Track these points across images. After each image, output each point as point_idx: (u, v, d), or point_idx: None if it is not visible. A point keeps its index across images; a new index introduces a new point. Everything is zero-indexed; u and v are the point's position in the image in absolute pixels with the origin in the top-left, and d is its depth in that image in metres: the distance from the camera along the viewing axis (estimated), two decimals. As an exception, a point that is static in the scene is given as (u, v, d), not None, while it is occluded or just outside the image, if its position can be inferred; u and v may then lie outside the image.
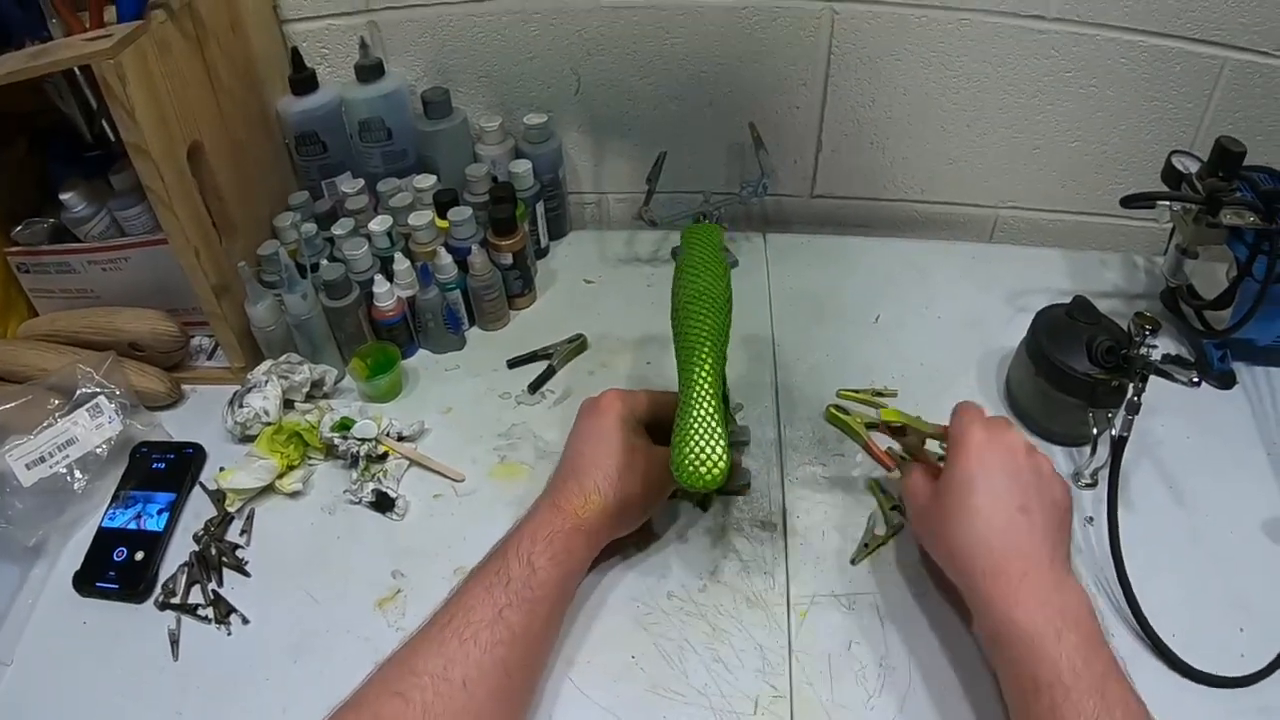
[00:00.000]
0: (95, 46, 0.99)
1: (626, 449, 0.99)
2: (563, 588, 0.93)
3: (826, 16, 1.36)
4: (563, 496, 0.96)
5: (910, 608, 1.00)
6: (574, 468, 0.99)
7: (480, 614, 0.85)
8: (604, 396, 1.05)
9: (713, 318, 0.99)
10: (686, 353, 0.96)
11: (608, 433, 1.00)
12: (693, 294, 1.03)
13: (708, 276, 1.05)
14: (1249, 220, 1.15)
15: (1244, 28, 1.31)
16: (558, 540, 0.92)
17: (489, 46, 1.42)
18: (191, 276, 1.18)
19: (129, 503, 1.13)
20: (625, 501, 0.98)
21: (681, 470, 0.87)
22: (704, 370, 0.94)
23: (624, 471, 0.98)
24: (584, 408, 1.06)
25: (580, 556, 0.96)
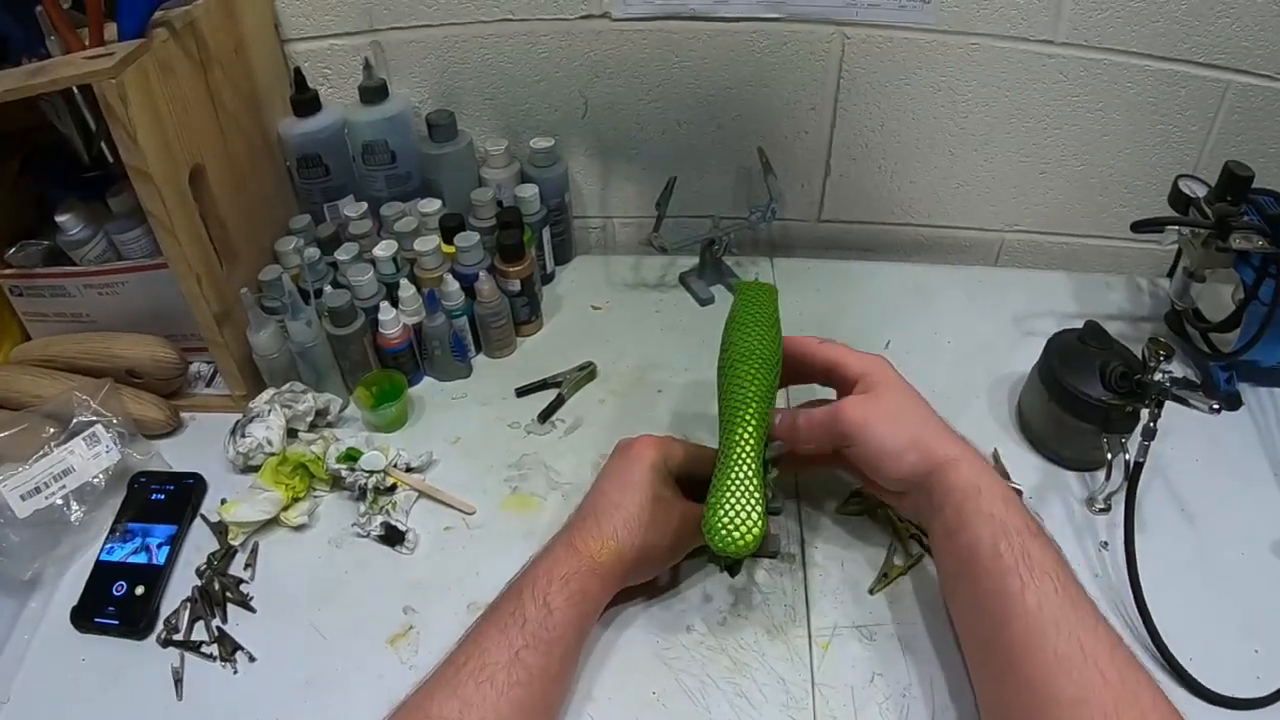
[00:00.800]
0: (96, 65, 0.97)
1: (652, 498, 0.98)
2: (579, 628, 0.92)
3: (837, 41, 1.36)
4: (580, 537, 0.94)
5: (932, 638, 0.99)
6: (595, 509, 0.97)
7: (496, 655, 0.84)
8: (638, 441, 1.04)
9: (761, 378, 0.98)
10: (731, 411, 0.96)
11: (636, 479, 0.98)
12: (743, 352, 1.01)
13: (759, 335, 1.03)
14: (1258, 244, 1.16)
15: (1247, 51, 1.32)
16: (574, 581, 0.91)
17: (495, 69, 1.41)
18: (193, 303, 1.16)
19: (128, 535, 1.10)
20: (644, 551, 0.96)
21: (714, 533, 0.86)
22: (747, 431, 0.93)
23: (646, 520, 0.97)
24: (618, 448, 1.05)
25: (596, 598, 0.94)
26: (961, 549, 0.88)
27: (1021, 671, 0.79)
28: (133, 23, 1.05)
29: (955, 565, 0.91)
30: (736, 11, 1.33)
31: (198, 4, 1.14)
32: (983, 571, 0.85)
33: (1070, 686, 0.76)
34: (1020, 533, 0.85)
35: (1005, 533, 0.85)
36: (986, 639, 0.85)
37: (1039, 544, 0.85)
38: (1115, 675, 0.75)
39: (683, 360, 1.33)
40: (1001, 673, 0.83)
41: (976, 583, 0.86)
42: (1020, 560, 0.83)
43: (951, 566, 0.92)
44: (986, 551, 0.85)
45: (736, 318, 1.07)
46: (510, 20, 1.36)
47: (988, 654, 0.86)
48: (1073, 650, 0.77)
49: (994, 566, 0.84)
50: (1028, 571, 0.82)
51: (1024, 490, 1.13)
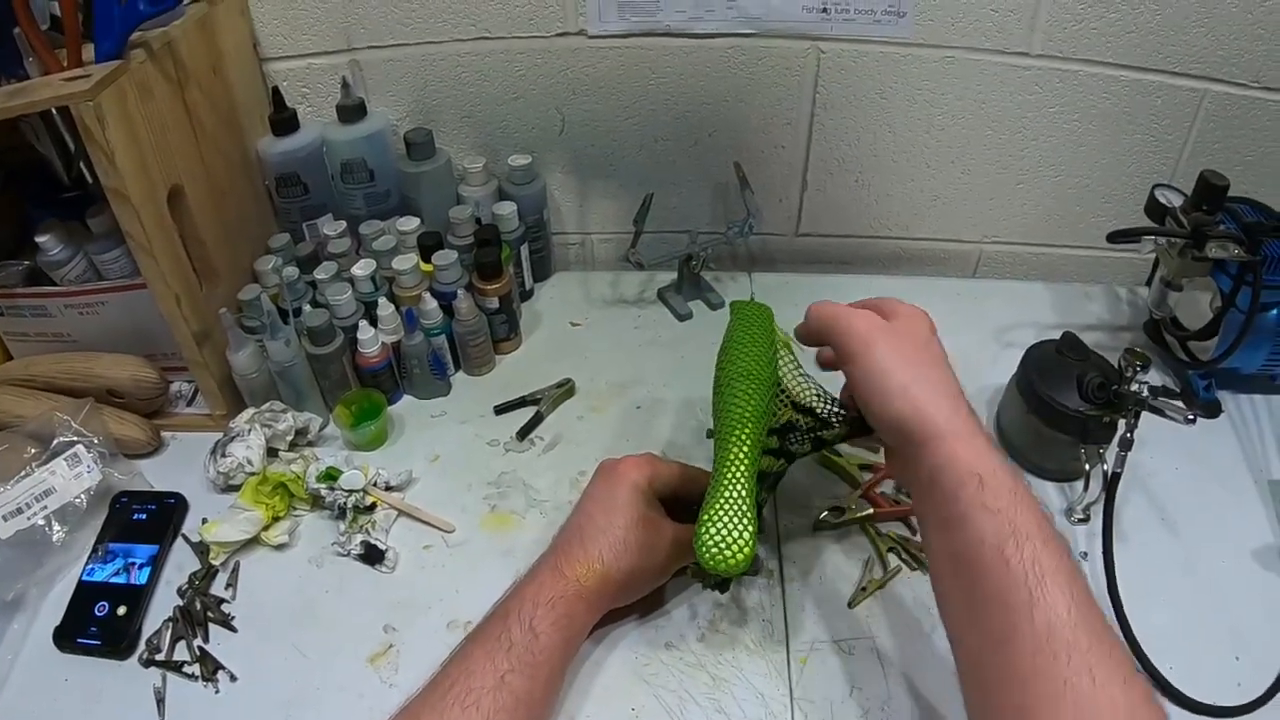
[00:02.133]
0: (74, 87, 0.98)
1: (638, 520, 0.98)
2: (565, 652, 0.92)
3: (812, 55, 1.37)
4: (566, 561, 0.94)
5: (910, 650, 1.00)
6: (581, 532, 0.97)
7: (482, 680, 0.84)
8: (624, 462, 1.03)
9: (756, 398, 0.97)
10: (725, 431, 0.95)
11: (621, 501, 0.98)
12: (738, 372, 1.00)
13: (754, 356, 1.02)
14: (1233, 253, 1.18)
15: (1223, 60, 1.33)
16: (559, 605, 0.91)
17: (473, 86, 1.42)
18: (172, 323, 1.16)
19: (110, 555, 1.10)
20: (631, 574, 0.97)
21: (706, 551, 0.87)
22: (742, 451, 0.93)
23: (632, 543, 0.97)
24: (602, 469, 1.05)
25: (582, 622, 0.95)
26: (958, 548, 0.79)
27: (1019, 700, 0.70)
28: (110, 44, 1.05)
29: (949, 564, 0.81)
30: (712, 28, 1.34)
31: (175, 25, 1.15)
32: (983, 578, 0.76)
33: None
34: (1031, 537, 0.75)
35: (1014, 535, 0.75)
36: (982, 656, 0.76)
37: (1051, 551, 0.75)
38: (1126, 714, 0.67)
39: (661, 376, 1.34)
40: (998, 696, 0.74)
41: (974, 589, 0.77)
42: (1029, 570, 0.73)
43: (944, 565, 0.83)
44: (989, 556, 0.75)
45: (733, 338, 1.05)
46: (487, 38, 1.37)
47: (983, 673, 0.77)
48: (1082, 684, 0.68)
49: (997, 575, 0.74)
50: (1037, 585, 0.72)
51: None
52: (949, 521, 0.80)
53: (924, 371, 0.88)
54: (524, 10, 1.34)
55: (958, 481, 0.80)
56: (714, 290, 1.49)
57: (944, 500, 0.81)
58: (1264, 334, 1.23)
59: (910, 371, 0.88)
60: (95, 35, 1.05)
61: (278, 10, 1.34)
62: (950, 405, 0.86)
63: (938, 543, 0.83)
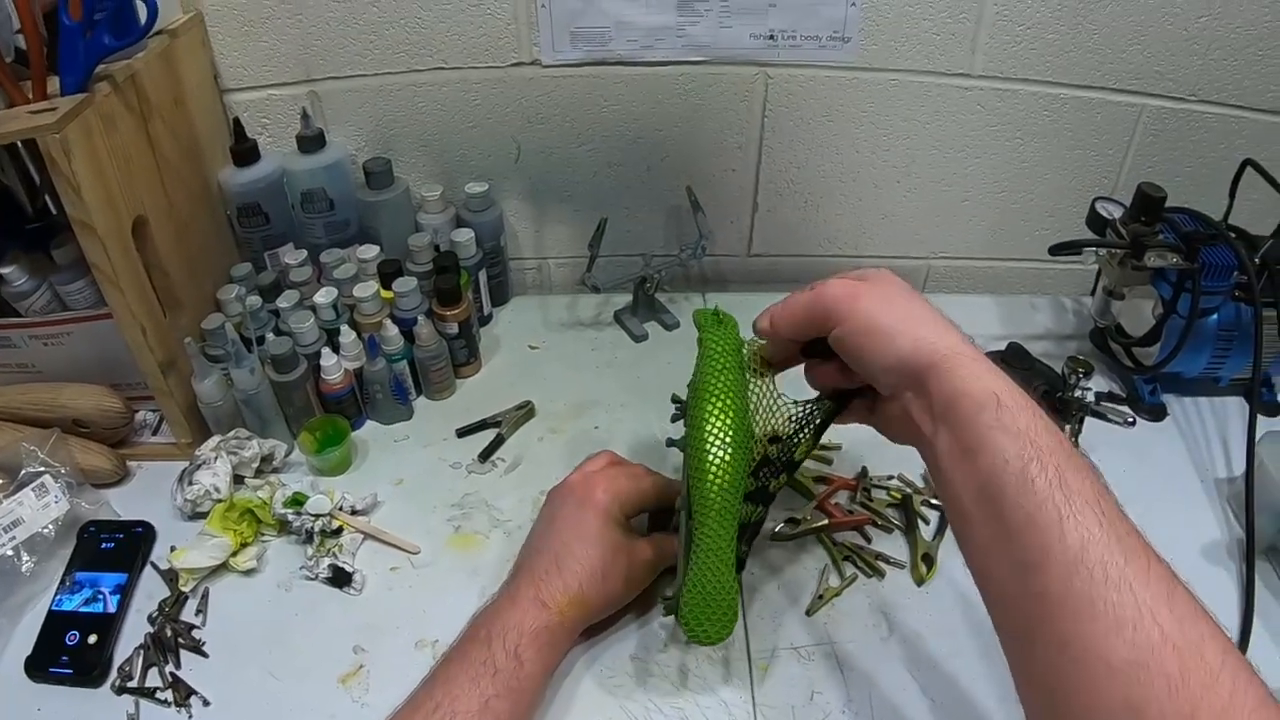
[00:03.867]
0: (40, 120, 0.98)
1: (613, 548, 1.00)
2: (546, 677, 0.95)
3: (760, 81, 1.40)
4: (548, 592, 0.96)
5: (868, 654, 1.03)
6: (559, 561, 0.99)
7: (466, 703, 0.86)
8: (595, 491, 1.04)
9: (737, 462, 0.93)
10: (703, 502, 0.92)
11: (596, 532, 1.00)
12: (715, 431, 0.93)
13: (731, 411, 0.94)
14: (1172, 261, 1.22)
15: (1160, 75, 1.39)
16: (543, 635, 0.93)
17: (430, 116, 1.44)
18: (137, 353, 1.17)
19: (79, 584, 1.11)
20: (608, 598, 1.01)
21: (690, 630, 0.93)
22: (723, 529, 0.92)
23: (610, 572, 1.00)
24: (571, 494, 1.05)
25: (563, 648, 0.98)
26: (981, 474, 0.73)
27: (1060, 628, 0.65)
28: (75, 77, 1.06)
29: (972, 494, 0.75)
30: (662, 55, 1.38)
31: (138, 57, 1.16)
32: (1010, 504, 0.70)
33: (1123, 647, 0.61)
34: (1054, 453, 0.71)
35: (1038, 455, 0.70)
36: (1015, 588, 0.71)
37: (1075, 468, 0.70)
38: (1175, 628, 0.61)
39: (619, 396, 1.36)
40: (1034, 629, 0.68)
41: (1001, 517, 0.71)
42: (1056, 488, 0.68)
43: (966, 496, 0.76)
44: (1014, 478, 0.70)
45: (706, 385, 0.97)
46: (443, 69, 1.39)
47: (1017, 606, 0.71)
48: (1125, 600, 0.63)
49: (1024, 497, 0.69)
50: (1065, 503, 0.67)
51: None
52: (969, 449, 0.75)
53: (915, 309, 0.84)
54: (480, 41, 1.36)
55: (976, 405, 0.75)
56: (668, 311, 1.52)
57: (962, 426, 0.76)
58: (1204, 338, 1.28)
59: (901, 309, 0.84)
60: (60, 68, 1.06)
61: (238, 42, 1.36)
62: (951, 332, 0.83)
63: (958, 474, 0.77)
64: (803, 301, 0.89)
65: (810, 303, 0.88)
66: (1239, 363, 1.31)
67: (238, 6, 1.33)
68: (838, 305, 0.86)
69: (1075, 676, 0.64)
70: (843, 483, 1.21)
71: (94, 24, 1.06)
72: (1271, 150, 1.45)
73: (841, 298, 0.86)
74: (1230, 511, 1.21)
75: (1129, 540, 0.66)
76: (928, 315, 0.84)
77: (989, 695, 0.98)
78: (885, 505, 1.19)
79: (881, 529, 1.17)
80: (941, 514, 1.18)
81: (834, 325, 0.86)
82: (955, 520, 0.79)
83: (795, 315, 0.91)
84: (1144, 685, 0.60)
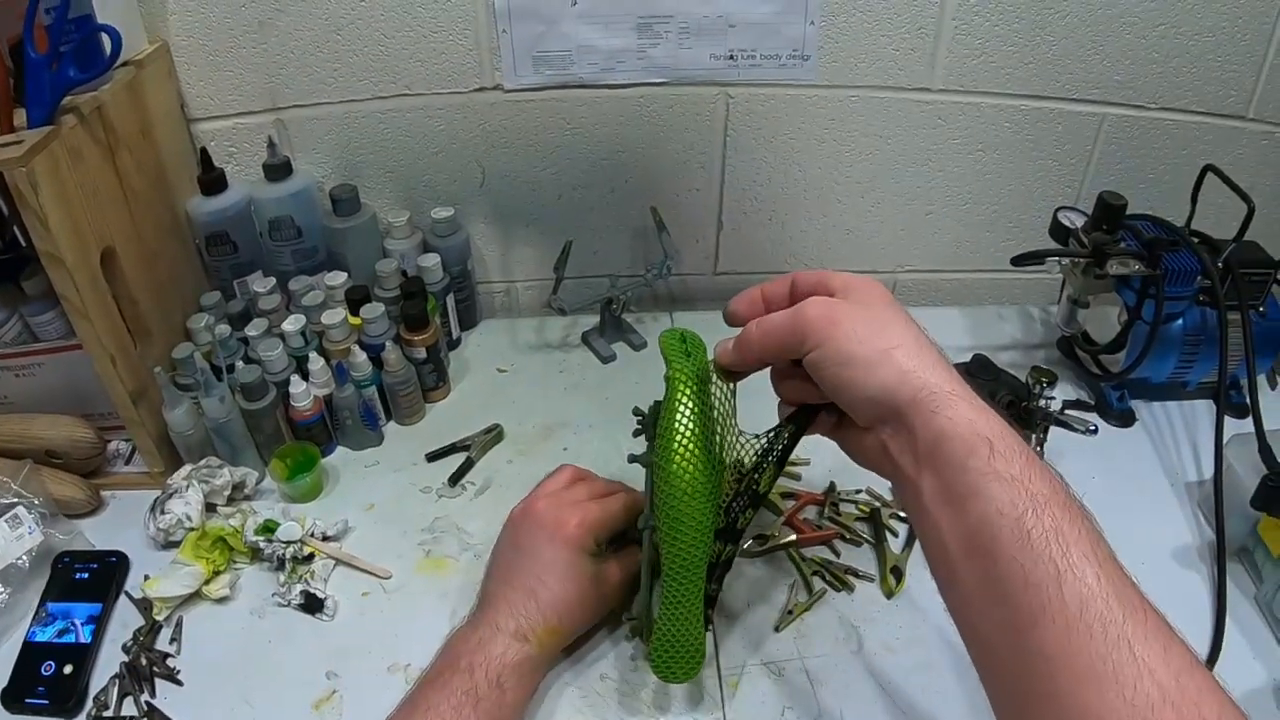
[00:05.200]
0: (7, 154, 0.99)
1: (587, 579, 1.02)
2: (525, 701, 0.97)
3: (721, 101, 1.42)
4: (527, 625, 0.97)
5: (837, 669, 1.03)
6: (535, 597, 0.99)
7: None
8: (567, 525, 1.02)
9: (712, 510, 0.92)
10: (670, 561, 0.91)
11: (570, 566, 1.01)
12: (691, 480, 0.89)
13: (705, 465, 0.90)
14: (1134, 268, 1.23)
15: (1119, 85, 1.41)
16: (525, 665, 0.95)
17: (395, 142, 1.45)
18: (107, 383, 1.17)
19: (54, 615, 1.11)
20: (582, 624, 1.04)
21: (660, 671, 0.95)
22: (689, 578, 0.91)
23: (584, 602, 1.02)
24: (540, 527, 1.03)
25: (540, 675, 1.00)
26: (971, 523, 0.70)
27: (1057, 687, 0.62)
28: (41, 110, 1.07)
29: (959, 543, 0.71)
30: (623, 78, 1.39)
31: (105, 89, 1.17)
32: (1005, 558, 0.66)
33: (1123, 708, 0.59)
34: (1049, 502, 0.67)
35: (1032, 504, 0.67)
36: (1006, 644, 0.67)
37: (1071, 517, 0.67)
38: (1173, 685, 0.59)
39: (587, 418, 1.37)
40: (1028, 686, 0.65)
41: (993, 571, 0.67)
42: (1053, 541, 0.65)
43: (953, 545, 0.72)
44: (1008, 530, 0.67)
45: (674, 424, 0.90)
46: (407, 95, 1.40)
47: (1008, 662, 0.68)
48: (1123, 659, 0.60)
49: (1020, 551, 0.66)
50: (1063, 557, 0.64)
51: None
52: (959, 495, 0.71)
53: (899, 334, 0.79)
54: (443, 67, 1.37)
55: (966, 449, 0.71)
56: (636, 331, 1.53)
57: (951, 471, 0.72)
58: (1170, 343, 1.29)
59: (884, 335, 0.78)
60: (26, 101, 1.07)
61: (204, 72, 1.37)
62: (940, 366, 0.77)
63: (944, 521, 0.72)
64: (780, 324, 0.84)
65: (787, 328, 0.83)
66: (1206, 366, 1.33)
67: (203, 36, 1.34)
68: (814, 329, 0.80)
69: None
70: (810, 498, 1.22)
71: (60, 56, 1.07)
72: (1232, 155, 1.49)
73: (819, 321, 0.80)
74: (1200, 514, 1.22)
75: (1126, 593, 0.64)
76: (913, 342, 0.79)
77: (960, 706, 0.99)
78: (853, 519, 1.20)
79: (850, 543, 1.18)
80: (910, 527, 1.19)
81: (809, 349, 0.81)
82: (938, 567, 0.75)
83: (769, 344, 0.86)
84: None
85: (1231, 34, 1.38)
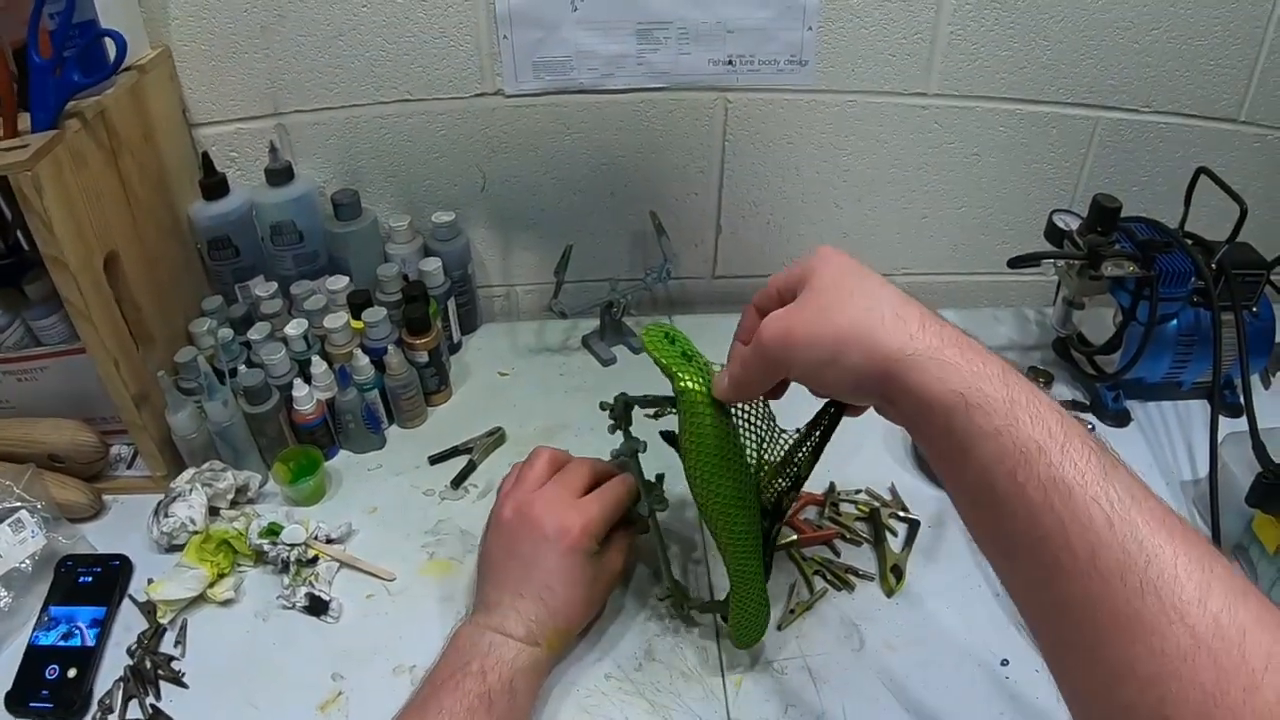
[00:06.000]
0: (12, 158, 0.99)
1: (593, 580, 1.03)
2: (534, 702, 0.98)
3: (720, 106, 1.43)
4: (538, 630, 0.97)
5: (839, 667, 1.04)
6: (545, 602, 0.99)
7: None
8: (571, 531, 1.01)
9: (755, 512, 0.97)
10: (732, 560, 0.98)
11: (577, 572, 1.01)
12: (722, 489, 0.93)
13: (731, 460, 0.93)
14: (1129, 270, 1.24)
15: (1114, 89, 1.42)
16: (537, 668, 0.97)
17: (396, 147, 1.45)
18: (111, 387, 1.17)
19: (57, 619, 1.11)
20: (586, 620, 1.06)
21: (739, 640, 1.02)
22: (755, 559, 0.98)
23: (592, 602, 1.05)
24: (542, 536, 1.01)
25: (547, 674, 1.01)
26: (969, 486, 0.69)
27: (1082, 638, 0.61)
28: (45, 114, 1.07)
29: (966, 503, 0.71)
30: (623, 83, 1.40)
31: (108, 94, 1.17)
32: (1005, 515, 0.65)
33: (1149, 658, 0.56)
34: (1043, 448, 0.63)
35: (1022, 454, 0.63)
36: (1030, 598, 0.67)
37: (1071, 454, 0.63)
38: (1210, 628, 0.55)
39: (588, 421, 1.36)
40: (1058, 637, 0.64)
41: (999, 525, 0.66)
42: (1052, 490, 0.62)
43: (964, 507, 0.72)
44: (1003, 486, 0.64)
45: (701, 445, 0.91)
46: (409, 100, 1.40)
47: (1036, 616, 0.67)
48: (1148, 607, 0.57)
49: (1019, 505, 0.63)
50: (1064, 505, 0.61)
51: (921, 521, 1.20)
52: (952, 457, 0.69)
53: (856, 306, 0.75)
54: (444, 72, 1.38)
55: (944, 411, 0.68)
56: (635, 335, 1.53)
57: (938, 436, 0.70)
58: (1164, 344, 1.30)
59: (841, 316, 0.75)
60: (31, 105, 1.07)
61: (206, 77, 1.37)
62: (900, 328, 0.72)
63: (951, 482, 0.72)
64: (748, 360, 0.83)
65: (754, 362, 0.82)
66: (1200, 367, 1.34)
67: (205, 41, 1.34)
68: (776, 353, 0.78)
69: (1109, 692, 0.59)
70: (810, 498, 1.23)
71: (63, 61, 1.08)
72: (1224, 158, 1.50)
73: (775, 342, 0.78)
74: (1196, 512, 1.23)
75: (1148, 532, 0.59)
76: (868, 310, 0.74)
77: (961, 703, 1.00)
78: (853, 519, 1.21)
79: (850, 542, 1.19)
80: (909, 526, 1.20)
81: (784, 373, 0.81)
82: (966, 524, 0.74)
83: (750, 380, 0.85)
84: (1177, 700, 0.55)
85: (1223, 39, 1.39)
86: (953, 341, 0.72)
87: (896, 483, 1.27)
